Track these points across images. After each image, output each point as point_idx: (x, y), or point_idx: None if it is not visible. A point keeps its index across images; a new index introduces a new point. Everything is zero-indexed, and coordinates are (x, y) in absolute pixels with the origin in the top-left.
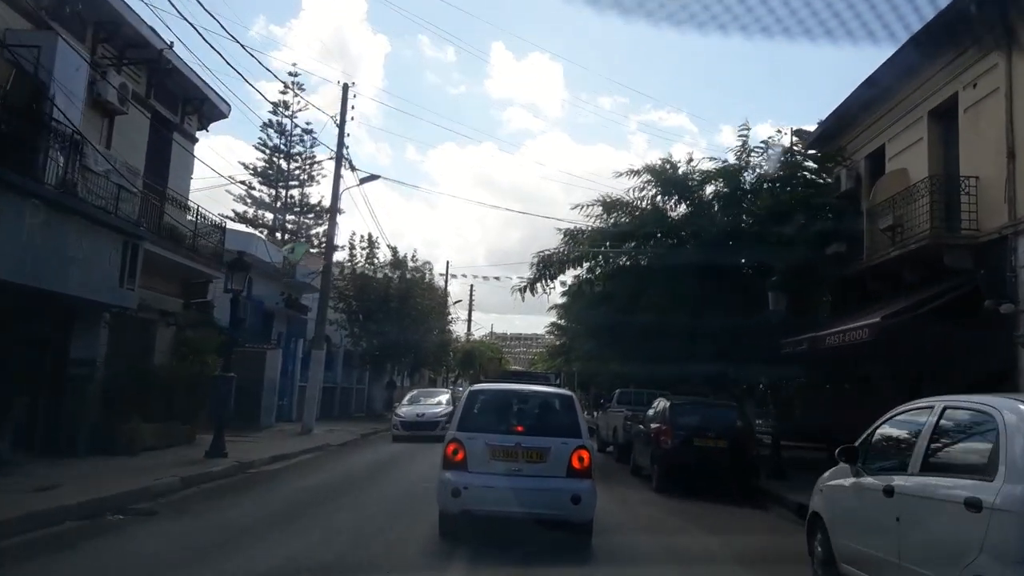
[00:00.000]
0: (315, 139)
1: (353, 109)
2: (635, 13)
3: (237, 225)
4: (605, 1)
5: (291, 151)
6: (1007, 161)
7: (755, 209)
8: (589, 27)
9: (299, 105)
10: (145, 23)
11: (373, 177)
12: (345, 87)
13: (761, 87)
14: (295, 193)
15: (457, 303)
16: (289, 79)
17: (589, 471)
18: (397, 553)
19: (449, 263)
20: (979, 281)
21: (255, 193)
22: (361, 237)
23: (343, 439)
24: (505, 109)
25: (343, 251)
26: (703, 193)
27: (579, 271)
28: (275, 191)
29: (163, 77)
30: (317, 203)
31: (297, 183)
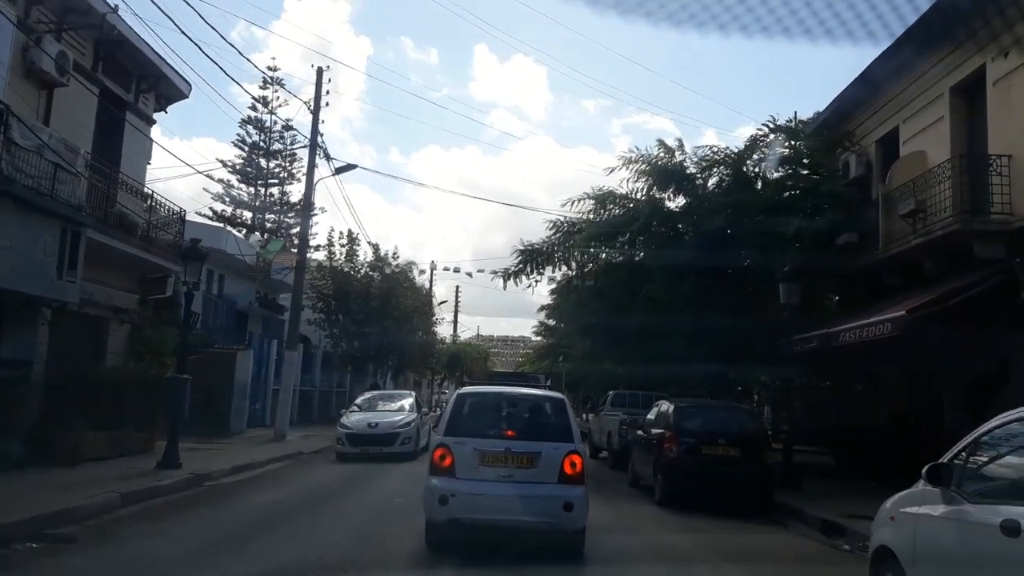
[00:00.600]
0: (295, 131)
1: (328, 95)
2: (635, 13)
3: (218, 225)
4: (605, 1)
5: (271, 148)
6: None
7: (759, 198)
8: (573, 29)
9: (279, 102)
10: None
11: (349, 167)
12: (320, 70)
13: (745, 89)
14: (275, 191)
15: (442, 303)
16: (268, 73)
17: (582, 477)
18: None
19: (434, 262)
20: (1016, 270)
21: (234, 192)
22: (340, 233)
23: (318, 446)
24: (489, 112)
25: (322, 251)
26: (703, 183)
27: (570, 269)
28: (254, 189)
29: (113, 49)
30: (298, 201)
31: (277, 181)
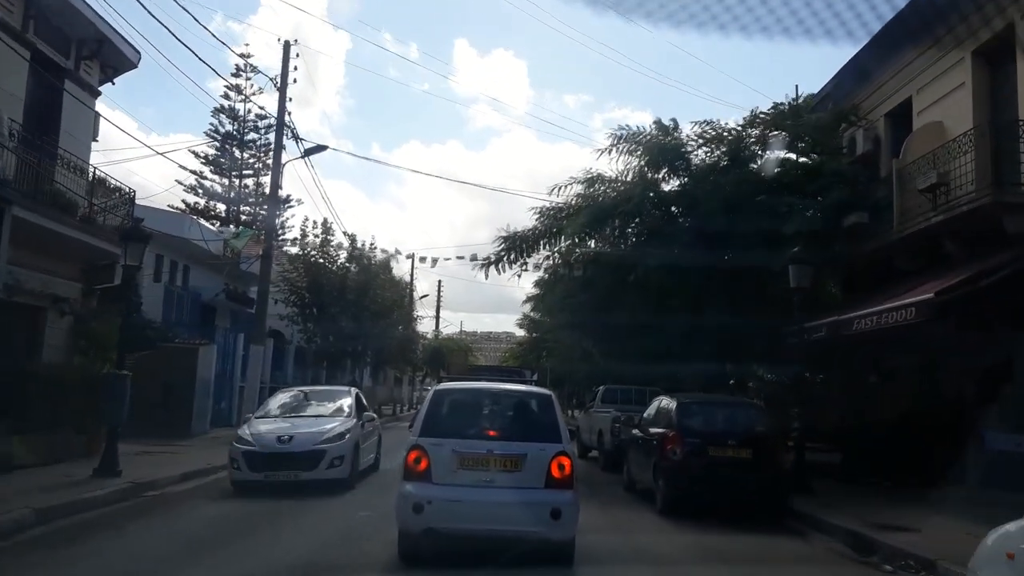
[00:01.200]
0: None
1: (296, 71)
2: (635, 13)
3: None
4: (605, 1)
5: (244, 139)
6: None
7: (758, 178)
8: (553, 25)
9: (253, 90)
10: None
11: (320, 148)
12: (287, 44)
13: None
14: (250, 182)
15: (424, 298)
16: (242, 60)
17: (571, 481)
18: None
19: (415, 254)
20: None
21: (206, 183)
22: (314, 223)
23: None
24: (470, 107)
25: (297, 245)
26: (700, 163)
27: (556, 249)
28: (228, 180)
29: (47, 8)
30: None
31: (252, 172)
